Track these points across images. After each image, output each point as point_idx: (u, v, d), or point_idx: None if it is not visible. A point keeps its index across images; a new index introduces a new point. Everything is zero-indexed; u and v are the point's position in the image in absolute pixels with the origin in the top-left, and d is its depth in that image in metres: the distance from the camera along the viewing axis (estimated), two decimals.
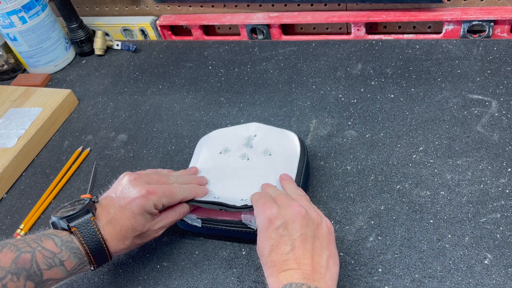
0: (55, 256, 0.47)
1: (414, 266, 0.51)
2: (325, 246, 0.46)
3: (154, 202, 0.52)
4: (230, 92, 0.82)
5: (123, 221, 0.51)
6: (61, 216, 0.50)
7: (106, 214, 0.51)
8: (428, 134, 0.65)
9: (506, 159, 0.60)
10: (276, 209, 0.48)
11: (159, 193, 0.52)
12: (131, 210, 0.51)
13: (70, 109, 0.88)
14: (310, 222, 0.47)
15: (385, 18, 0.86)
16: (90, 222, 0.49)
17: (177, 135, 0.76)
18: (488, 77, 0.72)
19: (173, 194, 0.54)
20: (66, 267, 0.48)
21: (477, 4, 0.82)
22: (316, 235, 0.46)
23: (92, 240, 0.49)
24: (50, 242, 0.48)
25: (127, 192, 0.52)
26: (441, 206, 0.56)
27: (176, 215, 0.55)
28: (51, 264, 0.47)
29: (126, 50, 1.00)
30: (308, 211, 0.48)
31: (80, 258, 0.49)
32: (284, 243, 0.45)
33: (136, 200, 0.51)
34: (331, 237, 0.48)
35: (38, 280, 0.46)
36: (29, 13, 0.90)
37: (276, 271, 0.44)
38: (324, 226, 0.48)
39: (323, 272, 0.44)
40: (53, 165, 0.77)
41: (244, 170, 0.59)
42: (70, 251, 0.48)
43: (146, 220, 0.52)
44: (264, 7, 0.96)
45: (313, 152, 0.67)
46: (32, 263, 0.46)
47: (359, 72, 0.79)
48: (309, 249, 0.45)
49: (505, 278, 0.49)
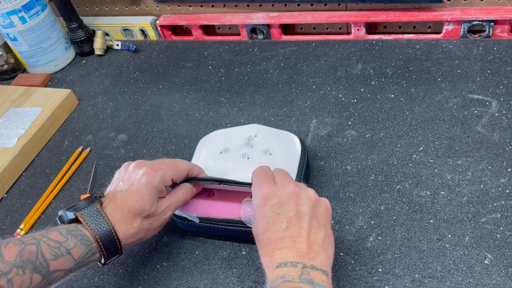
0: (61, 245, 0.46)
1: (414, 266, 0.51)
2: (322, 225, 0.46)
3: (160, 177, 0.52)
4: (230, 92, 0.82)
5: (131, 202, 0.50)
6: (68, 208, 0.50)
7: (113, 200, 0.51)
8: (428, 134, 0.65)
9: (506, 159, 0.60)
10: (272, 188, 0.48)
11: (164, 168, 0.52)
12: (139, 190, 0.51)
13: (70, 109, 0.88)
14: (307, 200, 0.47)
15: (385, 18, 0.86)
16: (96, 209, 0.49)
17: (177, 135, 0.76)
18: (488, 77, 0.72)
19: (177, 166, 0.54)
20: (73, 256, 0.46)
21: (477, 4, 0.82)
22: (313, 213, 0.46)
23: (99, 225, 0.48)
24: (55, 233, 0.47)
25: (133, 176, 0.52)
26: (441, 206, 0.56)
27: (179, 194, 0.55)
28: (57, 254, 0.45)
29: (126, 50, 1.00)
30: (304, 190, 0.48)
31: (87, 245, 0.47)
32: (279, 221, 0.45)
33: (142, 178, 0.51)
34: (329, 216, 0.47)
35: (44, 272, 0.44)
36: (29, 13, 0.90)
37: (271, 249, 0.44)
38: (322, 205, 0.47)
39: (319, 250, 0.43)
40: (53, 165, 0.77)
41: (244, 168, 0.59)
42: (76, 238, 0.47)
43: (153, 198, 0.51)
44: (264, 7, 0.96)
45: (313, 152, 0.67)
46: (38, 254, 0.44)
47: (359, 72, 0.79)
48: (305, 227, 0.44)
49: (505, 278, 0.49)
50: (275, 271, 0.42)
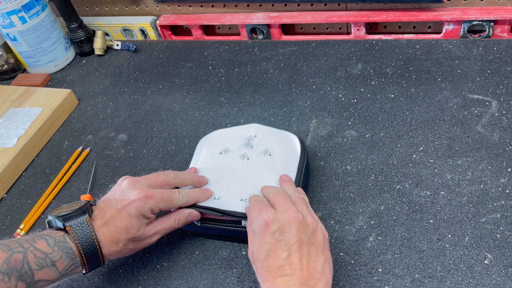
0: (47, 257, 0.47)
1: (414, 266, 0.51)
2: (321, 251, 0.46)
3: (151, 206, 0.52)
4: (230, 92, 0.82)
5: (118, 222, 0.50)
6: (57, 215, 0.50)
7: (102, 216, 0.51)
8: (428, 134, 0.65)
9: (506, 159, 0.60)
10: (273, 214, 0.48)
11: (157, 197, 0.52)
12: (128, 212, 0.51)
13: (70, 109, 0.88)
14: (307, 228, 0.47)
15: (385, 18, 0.86)
16: (86, 222, 0.49)
17: (177, 135, 0.76)
18: (488, 77, 0.72)
19: (171, 200, 0.54)
20: (57, 268, 0.47)
21: (477, 4, 0.82)
22: (311, 241, 0.47)
23: (86, 240, 0.49)
24: (42, 243, 0.48)
25: (126, 195, 0.52)
26: (441, 206, 0.56)
27: (171, 221, 0.55)
28: (42, 265, 0.46)
29: (126, 50, 1.00)
30: (304, 217, 0.48)
31: (72, 259, 0.48)
32: (280, 248, 0.45)
33: (133, 202, 0.51)
34: (326, 243, 0.48)
35: (29, 281, 0.46)
36: (29, 13, 0.90)
37: (272, 277, 0.44)
38: (320, 233, 0.48)
39: (319, 277, 0.44)
40: (53, 165, 0.77)
41: (244, 170, 0.59)
42: (62, 251, 0.48)
43: (141, 223, 0.52)
44: (264, 7, 0.96)
45: (313, 152, 0.67)
46: (24, 263, 0.46)
47: (359, 72, 0.79)
48: (305, 254, 0.45)
49: (505, 278, 0.49)
50: None
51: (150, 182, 0.54)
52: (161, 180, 0.55)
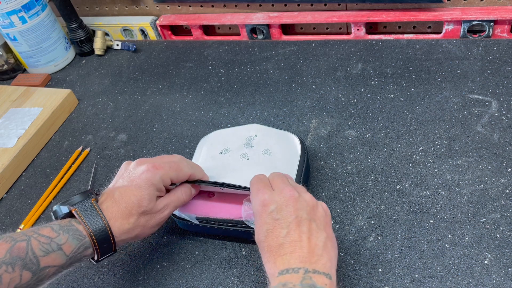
0: (52, 241, 0.45)
1: (414, 266, 0.51)
2: (322, 228, 0.45)
3: (161, 175, 0.51)
4: (230, 92, 0.82)
5: (128, 197, 0.49)
6: (62, 202, 0.49)
7: (111, 196, 0.50)
8: (428, 134, 0.65)
9: (506, 159, 0.60)
10: (269, 194, 0.48)
11: (166, 167, 0.52)
12: (138, 185, 0.50)
13: (70, 109, 0.88)
14: (305, 205, 0.46)
15: (385, 18, 0.86)
16: (91, 203, 0.48)
17: (177, 135, 0.76)
18: (488, 77, 0.72)
19: (180, 169, 0.54)
20: (64, 252, 0.45)
21: (477, 4, 0.82)
22: (311, 217, 0.46)
23: (93, 219, 0.47)
24: (47, 229, 0.46)
25: (133, 173, 0.52)
26: (441, 206, 0.56)
27: (178, 193, 0.54)
28: (47, 250, 0.44)
29: (126, 50, 1.00)
30: (301, 194, 0.48)
31: (79, 240, 0.46)
32: (279, 226, 0.45)
33: (142, 175, 0.51)
34: (328, 219, 0.47)
35: (35, 269, 0.44)
36: (29, 13, 0.90)
37: (273, 256, 0.44)
38: (320, 209, 0.47)
39: (321, 253, 0.43)
40: (53, 165, 0.77)
41: (244, 169, 0.59)
42: (68, 233, 0.46)
43: (152, 195, 0.51)
44: (264, 7, 0.96)
45: (313, 152, 0.67)
46: (28, 250, 0.44)
47: (359, 72, 0.79)
48: (305, 231, 0.44)
49: (505, 278, 0.49)
50: (277, 278, 0.42)
51: (155, 161, 0.54)
52: (166, 159, 0.55)
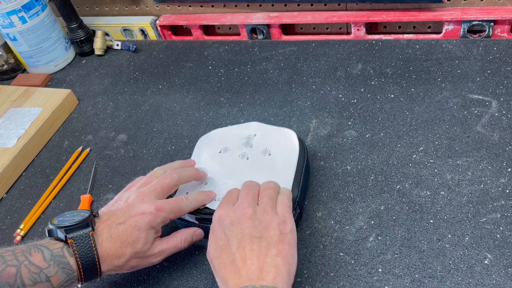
0: (42, 272, 0.45)
1: (414, 266, 0.51)
2: (273, 245, 0.45)
3: (162, 218, 0.51)
4: (230, 92, 0.82)
5: (126, 236, 0.49)
6: (59, 226, 0.48)
7: (108, 228, 0.49)
8: (428, 134, 0.65)
9: (506, 159, 0.60)
10: (226, 210, 0.48)
11: (168, 209, 0.52)
12: (137, 226, 0.49)
13: (70, 109, 0.88)
14: (257, 223, 0.47)
15: (385, 18, 0.86)
16: (88, 236, 0.47)
17: (177, 135, 0.76)
18: (488, 77, 0.72)
19: (181, 208, 0.53)
20: (52, 283, 0.46)
21: (477, 4, 0.82)
22: (263, 235, 0.46)
23: (86, 255, 0.47)
24: (38, 256, 0.46)
25: (134, 208, 0.51)
26: (441, 206, 0.56)
27: (177, 241, 0.54)
28: (36, 280, 0.45)
29: (126, 50, 1.00)
30: (256, 212, 0.48)
31: (68, 274, 0.47)
32: (231, 243, 0.45)
33: (144, 216, 0.50)
34: (284, 238, 0.46)
35: None
36: (29, 13, 0.90)
37: (225, 274, 0.44)
38: (274, 227, 0.47)
39: (269, 269, 0.43)
40: (53, 165, 0.77)
41: (243, 169, 0.59)
42: (58, 266, 0.46)
43: (149, 237, 0.50)
44: (264, 7, 0.96)
45: (313, 152, 0.67)
46: (17, 278, 0.44)
47: (359, 72, 0.79)
48: (255, 248, 0.45)
49: (505, 278, 0.49)
50: None
51: (157, 193, 0.53)
52: (166, 186, 0.54)
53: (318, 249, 0.55)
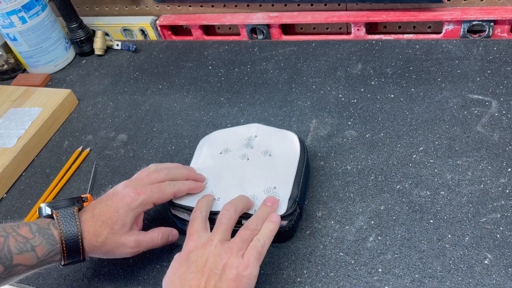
0: (28, 242, 0.48)
1: (414, 266, 0.51)
2: (225, 283, 0.45)
3: (141, 201, 0.53)
4: (230, 92, 0.82)
5: (105, 217, 0.52)
6: (48, 203, 0.52)
7: (92, 210, 0.53)
8: (428, 134, 0.65)
9: (506, 159, 0.60)
10: (194, 244, 0.48)
11: (147, 192, 0.54)
12: (116, 208, 0.52)
13: (70, 109, 0.88)
14: (218, 259, 0.46)
15: (385, 18, 0.86)
16: (73, 212, 0.51)
17: (177, 135, 0.76)
18: (488, 77, 0.72)
19: (162, 190, 0.55)
20: (37, 253, 0.49)
21: (477, 4, 0.82)
22: (221, 276, 0.45)
23: (69, 229, 0.50)
24: (25, 229, 0.49)
25: (117, 194, 0.54)
26: (441, 206, 0.56)
27: (154, 235, 0.55)
28: (22, 249, 0.48)
29: (126, 50, 1.00)
30: (221, 254, 0.47)
31: (52, 245, 0.49)
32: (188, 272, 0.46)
33: (123, 198, 0.53)
34: (239, 279, 0.45)
35: (8, 264, 0.47)
36: (29, 13, 0.90)
37: None
38: (231, 267, 0.46)
39: None
40: (53, 165, 0.77)
41: (244, 170, 0.59)
42: (43, 237, 0.49)
43: (127, 220, 0.52)
44: (264, 7, 0.96)
45: (313, 152, 0.67)
46: (4, 246, 0.47)
47: (359, 72, 0.79)
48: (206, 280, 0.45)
49: (505, 278, 0.49)
50: None
51: (143, 183, 0.55)
52: (153, 179, 0.56)
53: (318, 249, 0.55)
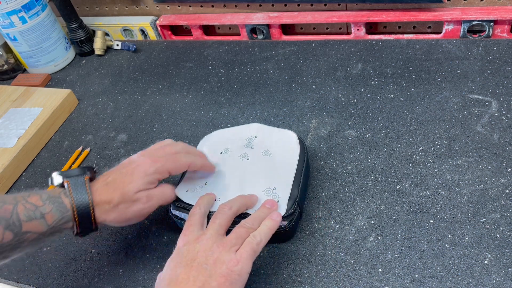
0: (37, 209, 0.48)
1: (414, 266, 0.51)
2: (214, 279, 0.45)
3: (156, 168, 0.53)
4: (230, 92, 0.82)
5: (118, 182, 0.52)
6: (59, 172, 0.52)
7: (105, 179, 0.53)
8: (428, 134, 0.65)
9: (506, 159, 0.60)
10: (187, 239, 0.49)
11: (163, 160, 0.54)
12: (131, 172, 0.52)
13: (70, 109, 0.88)
14: (209, 254, 0.47)
15: (385, 18, 0.86)
16: (84, 181, 0.51)
17: (177, 135, 0.76)
18: (488, 77, 0.72)
19: (177, 160, 0.55)
20: (47, 220, 0.48)
21: (477, 4, 0.82)
22: (211, 270, 0.45)
23: (80, 196, 0.50)
24: (36, 197, 0.49)
25: (132, 162, 0.54)
26: (441, 206, 0.56)
27: (164, 188, 0.55)
28: (31, 217, 0.48)
29: (126, 50, 1.00)
30: (212, 248, 0.47)
31: (62, 213, 0.49)
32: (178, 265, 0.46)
33: (139, 166, 0.53)
34: (229, 274, 0.45)
35: (17, 231, 0.47)
36: (29, 13, 0.90)
37: None
38: (222, 263, 0.46)
39: None
40: (53, 165, 0.77)
41: (244, 170, 0.59)
42: (53, 204, 0.49)
43: (140, 184, 0.52)
44: (264, 7, 0.96)
45: (313, 152, 0.67)
46: (13, 213, 0.47)
47: (359, 72, 0.79)
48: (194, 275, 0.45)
49: (505, 278, 0.49)
50: None
51: (157, 153, 0.55)
52: (168, 151, 0.56)
53: (318, 249, 0.55)
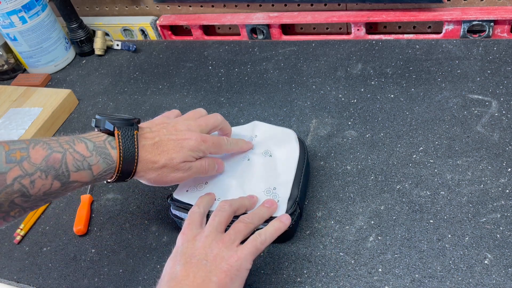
0: (85, 160, 0.48)
1: (414, 266, 0.51)
2: (215, 274, 0.45)
3: (203, 148, 0.54)
4: (230, 92, 0.82)
5: (167, 148, 0.52)
6: (106, 117, 0.51)
7: (152, 137, 0.52)
8: (428, 134, 0.65)
9: (506, 159, 0.60)
10: (186, 237, 0.49)
11: (210, 142, 0.55)
12: (181, 145, 0.52)
13: (70, 109, 0.88)
14: (210, 254, 0.47)
15: (385, 18, 0.86)
16: (133, 135, 0.50)
17: None
18: (488, 77, 0.72)
19: (221, 145, 0.57)
20: (93, 171, 0.48)
21: (477, 4, 0.82)
22: (211, 266, 0.46)
23: (129, 150, 0.49)
24: (82, 145, 0.48)
25: (183, 133, 0.54)
26: (441, 206, 0.56)
27: (203, 161, 0.55)
28: (79, 167, 0.47)
29: (126, 50, 1.00)
30: (211, 245, 0.47)
31: (108, 165, 0.49)
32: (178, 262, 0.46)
33: (189, 140, 0.53)
34: (229, 269, 0.46)
35: (64, 181, 0.47)
36: (29, 13, 0.90)
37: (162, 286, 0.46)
38: (222, 259, 0.46)
39: None
40: None
41: (244, 171, 0.59)
42: (100, 156, 0.48)
43: (186, 157, 0.53)
44: (264, 7, 0.96)
45: (313, 152, 0.67)
46: (62, 163, 0.46)
47: (359, 72, 0.79)
48: (194, 271, 0.45)
49: (505, 278, 0.49)
50: None
51: (201, 128, 0.56)
52: (210, 124, 0.57)
53: (318, 249, 0.55)
